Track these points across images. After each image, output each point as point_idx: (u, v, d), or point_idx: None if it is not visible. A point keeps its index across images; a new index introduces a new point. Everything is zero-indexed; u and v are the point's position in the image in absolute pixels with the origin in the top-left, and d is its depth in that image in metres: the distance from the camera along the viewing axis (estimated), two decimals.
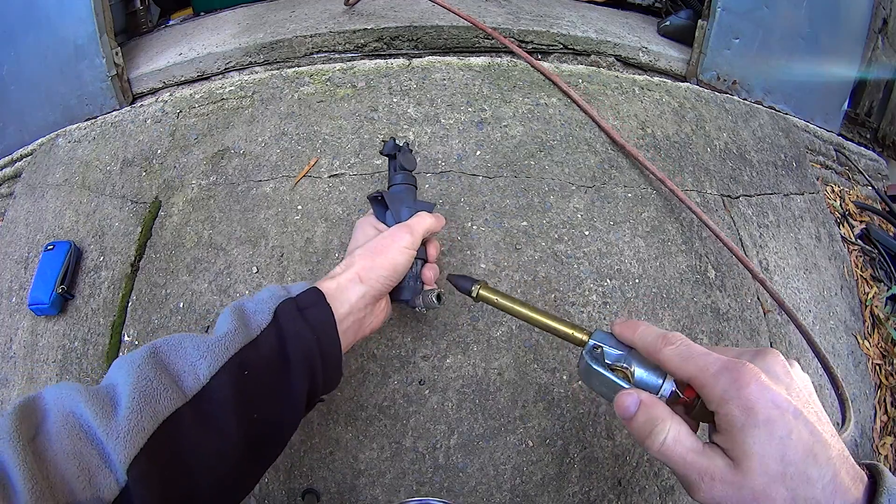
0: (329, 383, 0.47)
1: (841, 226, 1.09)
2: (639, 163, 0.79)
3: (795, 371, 0.34)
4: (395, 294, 0.55)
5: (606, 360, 0.38)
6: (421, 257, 0.57)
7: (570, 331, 0.42)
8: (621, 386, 0.37)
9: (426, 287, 0.56)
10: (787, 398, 0.31)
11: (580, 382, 0.66)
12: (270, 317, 0.43)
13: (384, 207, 0.58)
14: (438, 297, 0.54)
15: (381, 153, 0.59)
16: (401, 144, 0.60)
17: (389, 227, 0.56)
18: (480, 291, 0.49)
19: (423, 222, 0.54)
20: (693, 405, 0.35)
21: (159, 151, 0.86)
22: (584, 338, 0.41)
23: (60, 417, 0.33)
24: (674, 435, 0.33)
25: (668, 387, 0.36)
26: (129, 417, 0.33)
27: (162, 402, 0.35)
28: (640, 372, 0.36)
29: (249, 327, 0.42)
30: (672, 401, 0.36)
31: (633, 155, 0.79)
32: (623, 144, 0.80)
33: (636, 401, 0.35)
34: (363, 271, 0.49)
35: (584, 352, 0.39)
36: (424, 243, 0.57)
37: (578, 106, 0.83)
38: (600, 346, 0.39)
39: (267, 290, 0.46)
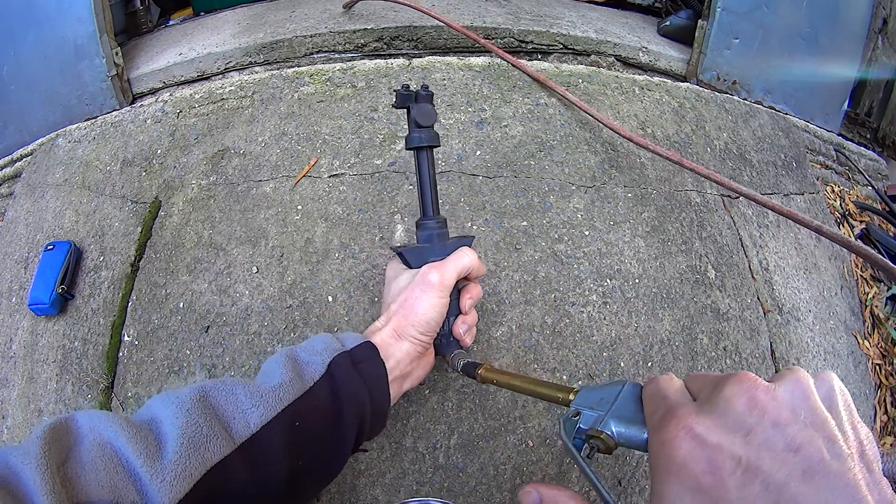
0: (374, 432, 0.48)
1: (841, 226, 1.09)
2: (654, 151, 0.78)
3: (785, 392, 0.24)
4: (436, 348, 0.54)
5: (582, 426, 0.35)
6: (454, 311, 0.52)
7: (555, 394, 0.41)
8: (580, 464, 0.34)
9: (461, 344, 0.53)
10: (732, 453, 0.22)
11: (580, 382, 0.66)
12: (324, 369, 0.44)
13: (409, 264, 0.52)
14: (464, 368, 0.51)
15: (393, 107, 0.52)
16: (416, 90, 0.51)
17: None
18: (482, 374, 0.49)
19: (458, 263, 0.50)
20: None
21: (159, 151, 0.86)
22: (571, 397, 0.39)
23: (96, 446, 0.33)
24: None
25: None
26: (177, 462, 0.33)
27: (211, 449, 0.35)
28: (619, 429, 0.33)
29: (303, 378, 0.43)
30: None
31: (644, 144, 0.79)
32: (628, 135, 0.80)
33: (536, 499, 0.32)
34: (399, 328, 0.49)
35: (561, 419, 0.37)
36: (460, 291, 0.53)
37: (570, 101, 0.83)
38: (579, 412, 0.36)
39: (320, 341, 0.46)
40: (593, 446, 0.33)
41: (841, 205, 1.14)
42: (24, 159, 1.07)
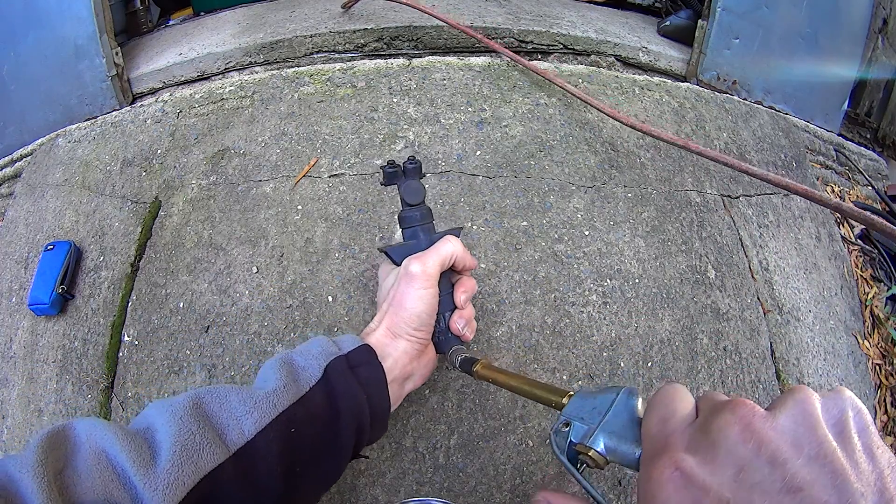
0: (374, 437, 0.47)
1: (841, 226, 1.09)
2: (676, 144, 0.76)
3: (786, 420, 0.20)
4: (436, 346, 0.53)
5: (572, 439, 0.33)
6: (448, 307, 0.51)
7: (549, 397, 0.40)
8: (577, 477, 0.33)
9: (461, 339, 0.52)
10: (719, 495, 0.19)
11: (579, 382, 0.66)
12: (320, 374, 0.43)
13: (395, 262, 0.52)
14: (462, 364, 0.50)
15: (382, 184, 0.51)
16: (401, 165, 0.50)
17: None
18: (479, 371, 0.48)
19: (441, 251, 0.49)
20: None
21: (159, 151, 0.86)
22: (564, 401, 0.37)
23: (92, 455, 0.33)
24: None
25: None
26: (170, 471, 0.33)
27: (204, 457, 0.35)
28: (610, 445, 0.31)
29: (299, 383, 0.42)
30: None
31: (663, 137, 0.78)
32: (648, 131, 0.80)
33: None
34: (392, 327, 0.48)
35: (551, 431, 0.35)
36: (454, 285, 0.52)
37: (577, 97, 0.83)
38: (570, 423, 0.34)
39: (316, 344, 0.46)
40: (583, 462, 0.32)
41: None
42: (24, 159, 1.07)
